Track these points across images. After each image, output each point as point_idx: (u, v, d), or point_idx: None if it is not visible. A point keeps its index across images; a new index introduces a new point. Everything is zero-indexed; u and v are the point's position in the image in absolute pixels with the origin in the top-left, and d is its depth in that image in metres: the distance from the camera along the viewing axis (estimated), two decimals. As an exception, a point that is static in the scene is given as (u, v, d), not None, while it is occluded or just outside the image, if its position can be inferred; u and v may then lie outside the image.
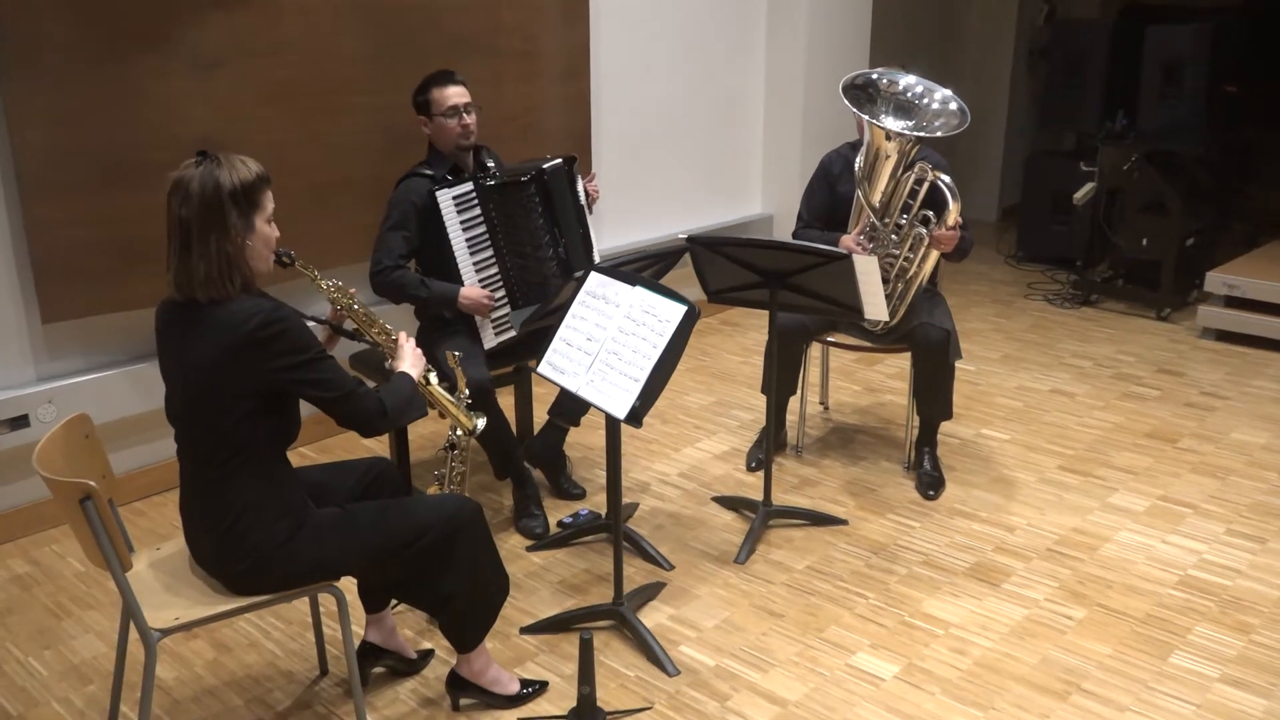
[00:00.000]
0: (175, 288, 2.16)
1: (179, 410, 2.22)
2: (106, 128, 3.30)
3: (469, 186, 3.32)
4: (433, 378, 2.60)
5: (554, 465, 3.64)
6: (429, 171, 3.40)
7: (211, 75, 3.50)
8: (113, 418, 3.50)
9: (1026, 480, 3.80)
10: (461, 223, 3.32)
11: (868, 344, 3.78)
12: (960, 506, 3.60)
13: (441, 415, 2.69)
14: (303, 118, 3.74)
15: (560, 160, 3.47)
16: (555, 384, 2.64)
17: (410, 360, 2.48)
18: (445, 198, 3.28)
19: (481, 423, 2.70)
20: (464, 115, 3.37)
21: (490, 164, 3.50)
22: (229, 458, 2.17)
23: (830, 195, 3.83)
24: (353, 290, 2.58)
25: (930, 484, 3.69)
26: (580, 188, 3.53)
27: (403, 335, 2.54)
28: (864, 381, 4.79)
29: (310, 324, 2.27)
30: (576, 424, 3.62)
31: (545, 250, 3.43)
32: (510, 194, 3.37)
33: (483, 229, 3.35)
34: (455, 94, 3.36)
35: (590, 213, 3.57)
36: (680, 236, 3.25)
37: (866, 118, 3.45)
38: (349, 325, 2.57)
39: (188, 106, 3.45)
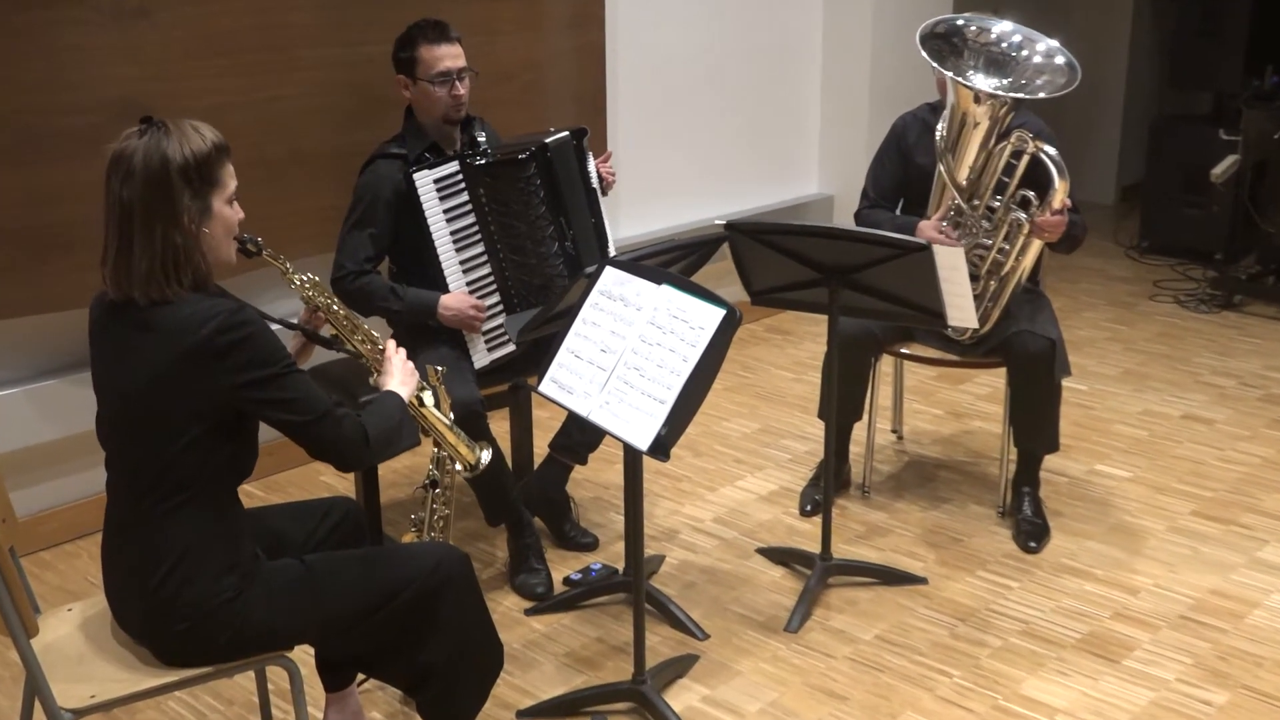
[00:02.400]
0: (111, 285, 2.19)
1: (112, 432, 2.24)
2: (5, 88, 3.34)
3: (454, 167, 3.34)
4: (427, 398, 2.61)
5: (556, 510, 3.65)
6: (401, 150, 3.42)
7: (136, 25, 3.53)
8: (13, 447, 3.53)
9: (1153, 529, 3.78)
10: (445, 212, 3.33)
11: (952, 357, 3.76)
12: (1069, 562, 3.58)
13: (436, 445, 2.70)
14: (247, 76, 3.77)
15: (567, 133, 3.48)
16: (560, 406, 2.64)
17: (400, 376, 2.48)
18: (424, 181, 3.30)
19: (487, 456, 2.70)
20: (456, 83, 3.38)
21: (482, 138, 3.52)
22: (170, 493, 2.18)
23: (904, 170, 3.82)
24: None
25: (1031, 533, 3.68)
26: (592, 167, 3.54)
27: (390, 345, 2.55)
28: (947, 404, 4.77)
29: (277, 329, 2.28)
30: (583, 461, 3.63)
31: (548, 245, 3.44)
32: (505, 175, 3.38)
33: (471, 219, 3.37)
34: (449, 55, 3.37)
35: (604, 197, 3.59)
36: (717, 223, 3.25)
37: (951, 74, 3.44)
38: (326, 332, 2.57)
39: (107, 62, 3.48)
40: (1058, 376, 3.58)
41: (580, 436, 3.57)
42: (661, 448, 2.44)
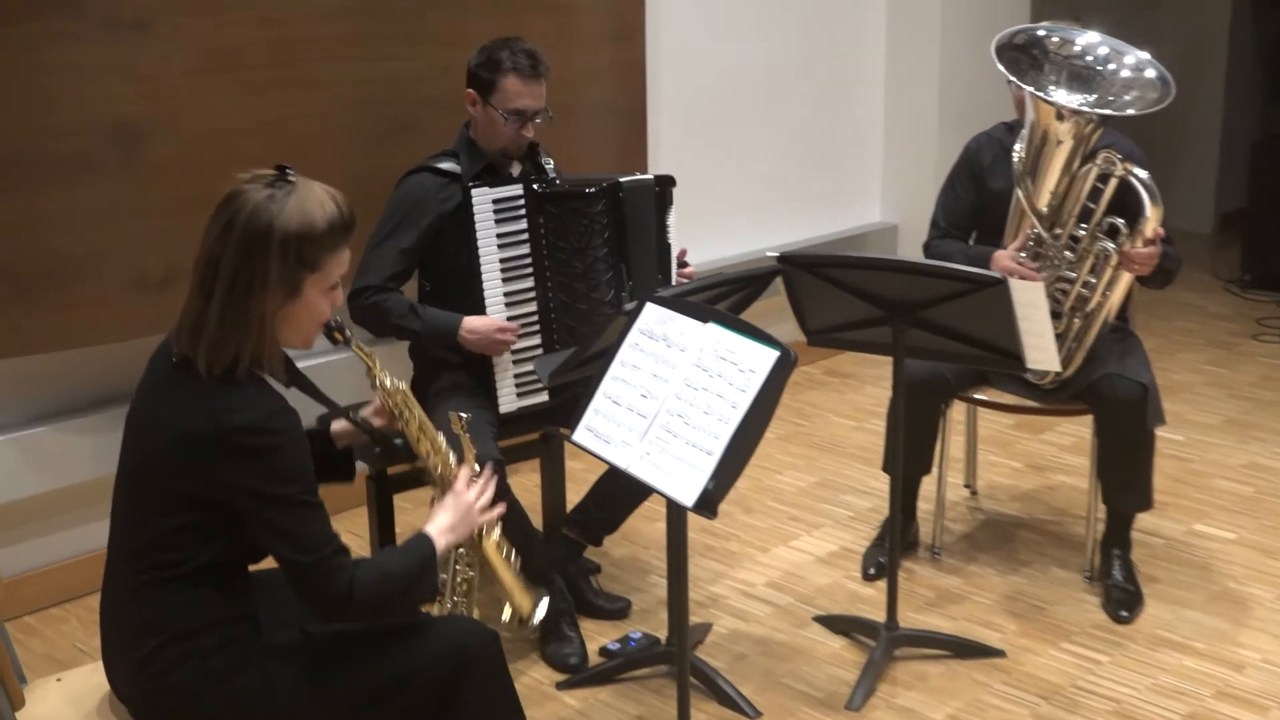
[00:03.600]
0: (178, 339, 2.18)
1: (122, 485, 2.25)
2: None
3: (517, 190, 3.38)
4: (494, 534, 2.60)
5: (573, 580, 3.63)
6: (452, 167, 3.46)
7: (132, 39, 3.58)
8: (-2, 501, 3.58)
9: (1260, 597, 3.73)
10: (498, 237, 3.36)
11: (1032, 403, 3.75)
12: (1166, 634, 3.54)
13: (492, 582, 2.69)
14: (255, 95, 3.82)
15: (651, 178, 3.52)
16: (597, 457, 2.64)
17: (453, 518, 2.43)
18: (483, 200, 3.34)
19: (543, 609, 2.69)
20: (529, 124, 3.43)
21: (549, 164, 3.56)
22: (162, 566, 2.19)
23: (978, 195, 3.83)
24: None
25: (1122, 601, 3.65)
26: (671, 220, 3.56)
27: (464, 475, 2.50)
28: (1027, 456, 4.74)
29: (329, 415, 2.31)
30: (597, 542, 3.63)
31: (602, 289, 3.45)
32: (569, 208, 3.41)
33: (525, 250, 3.40)
34: (531, 94, 3.40)
35: (676, 269, 3.58)
36: (769, 255, 3.25)
37: (1030, 89, 3.45)
38: (395, 440, 2.59)
39: (99, 80, 3.53)
40: (1150, 425, 3.55)
41: (599, 513, 3.57)
42: (708, 503, 2.43)
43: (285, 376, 2.30)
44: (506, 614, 2.68)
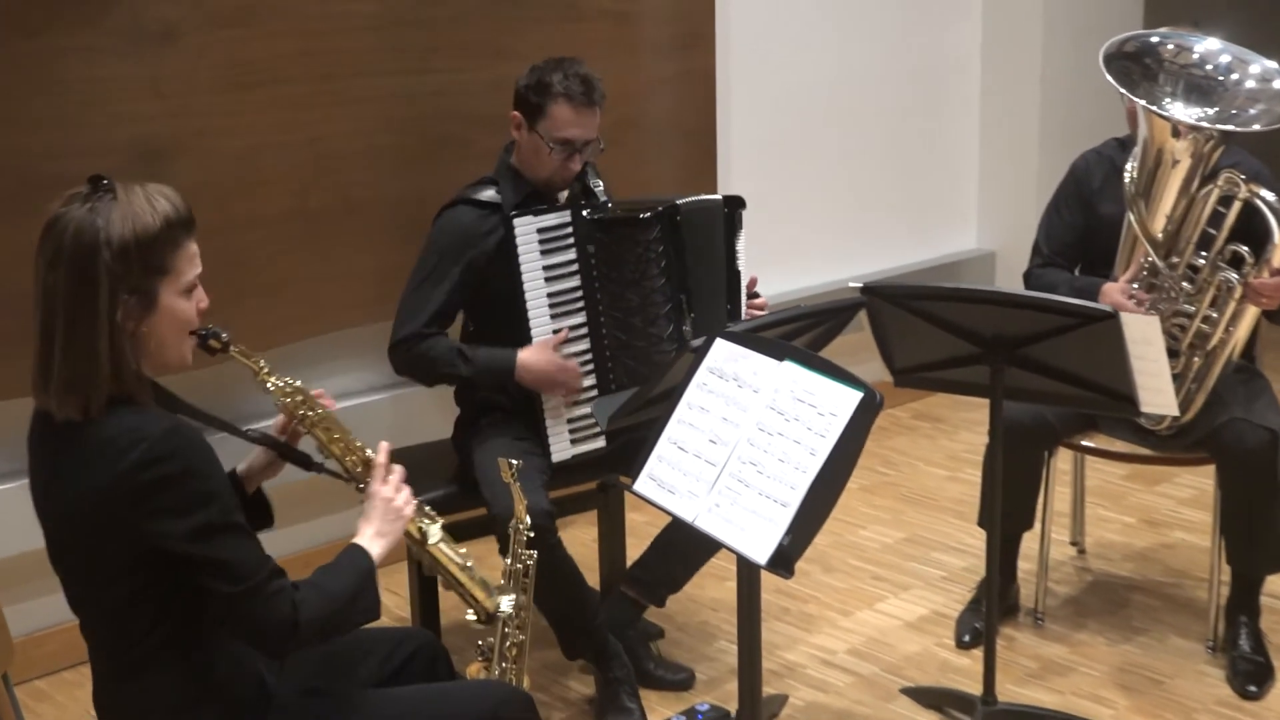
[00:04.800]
0: (34, 392, 2.16)
1: (55, 566, 2.24)
2: (3, 128, 3.45)
3: (564, 217, 3.40)
4: (435, 530, 2.57)
5: (629, 647, 3.61)
6: (492, 197, 3.48)
7: (158, 52, 3.65)
8: (8, 553, 3.61)
9: None
10: (545, 269, 3.38)
11: (1147, 451, 3.73)
12: (1300, 711, 3.49)
13: (508, 556, 2.70)
14: (288, 111, 3.89)
15: (718, 199, 3.53)
16: (660, 509, 2.64)
17: (379, 521, 2.40)
18: (527, 230, 3.36)
19: (507, 604, 2.70)
20: (577, 155, 3.45)
21: (598, 187, 3.58)
22: (134, 641, 2.18)
23: (1086, 219, 3.82)
24: (318, 392, 2.55)
25: (1250, 674, 3.60)
26: (741, 246, 3.57)
27: (379, 465, 2.47)
28: (1141, 510, 4.70)
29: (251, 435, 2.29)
30: (660, 602, 3.62)
31: (662, 324, 3.46)
32: (622, 234, 3.43)
33: (575, 283, 3.42)
34: (581, 124, 3.42)
35: (746, 299, 3.58)
36: (851, 285, 3.25)
37: (1143, 103, 3.44)
38: (319, 455, 2.54)
39: (123, 97, 3.61)
40: (1281, 476, 3.52)
41: (662, 570, 3.56)
42: (784, 561, 2.42)
43: (151, 401, 2.22)
44: (470, 615, 2.66)
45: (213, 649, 2.24)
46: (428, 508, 2.60)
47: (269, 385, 2.46)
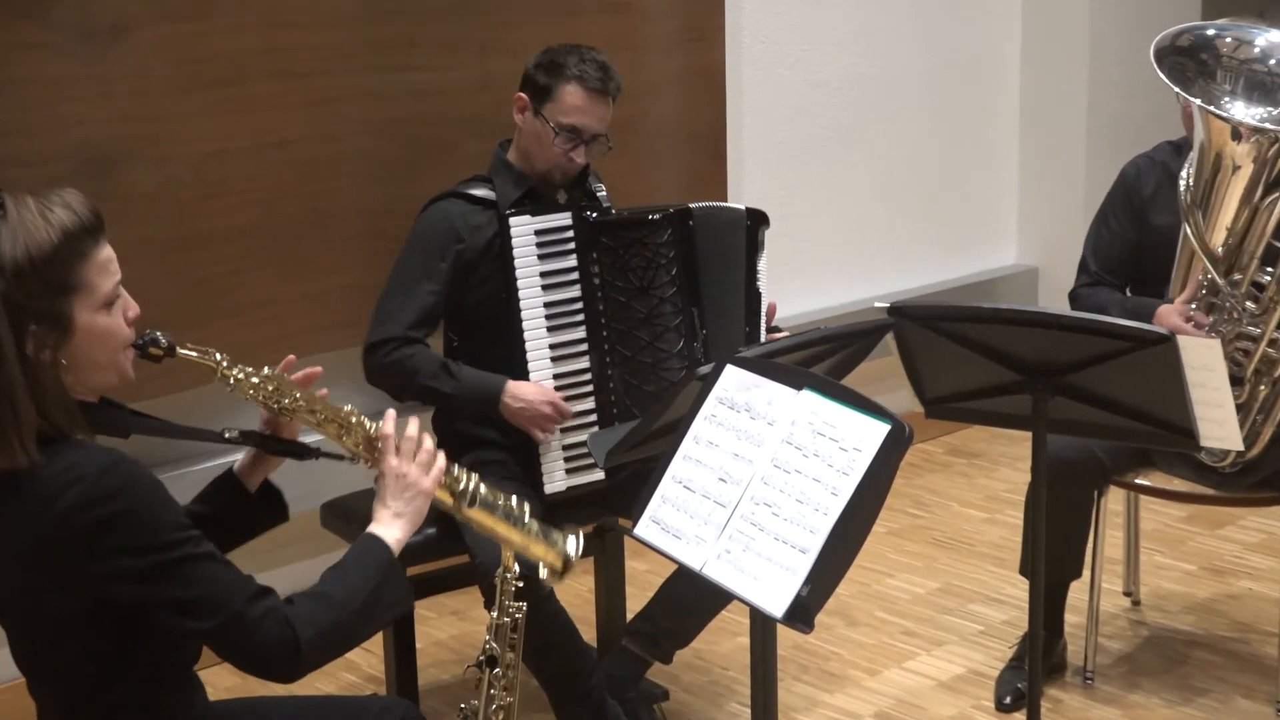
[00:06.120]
0: None
1: (10, 645, 2.24)
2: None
3: (565, 219, 3.42)
4: (471, 482, 2.50)
5: (631, 710, 3.60)
6: (484, 192, 3.49)
7: (109, 49, 3.65)
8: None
9: None
10: (542, 276, 3.39)
11: (1208, 491, 3.72)
12: (1380, 782, 3.48)
13: (490, 607, 2.67)
14: (252, 113, 3.89)
15: (741, 210, 3.55)
16: (664, 555, 2.64)
17: (393, 495, 2.37)
18: (524, 230, 3.37)
19: (574, 545, 2.62)
20: (582, 147, 3.46)
21: (600, 190, 3.61)
22: (93, 710, 2.18)
23: (1138, 232, 3.83)
24: (297, 377, 2.49)
25: (1324, 740, 3.59)
26: (763, 265, 3.59)
27: (385, 436, 2.42)
28: (1202, 556, 4.70)
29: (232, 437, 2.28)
30: (666, 658, 3.61)
31: (670, 340, 3.47)
32: (629, 239, 3.44)
33: (575, 293, 3.43)
34: (592, 112, 3.45)
35: (765, 322, 3.60)
36: (877, 305, 3.25)
37: (1199, 102, 3.44)
38: (316, 441, 2.51)
39: (71, 98, 3.61)
40: (1358, 519, 3.51)
41: (668, 623, 3.54)
42: (803, 614, 2.42)
43: (91, 429, 2.20)
44: (543, 572, 2.61)
45: (175, 710, 2.24)
46: (456, 467, 2.53)
47: (232, 380, 2.39)
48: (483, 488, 2.52)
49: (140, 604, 2.11)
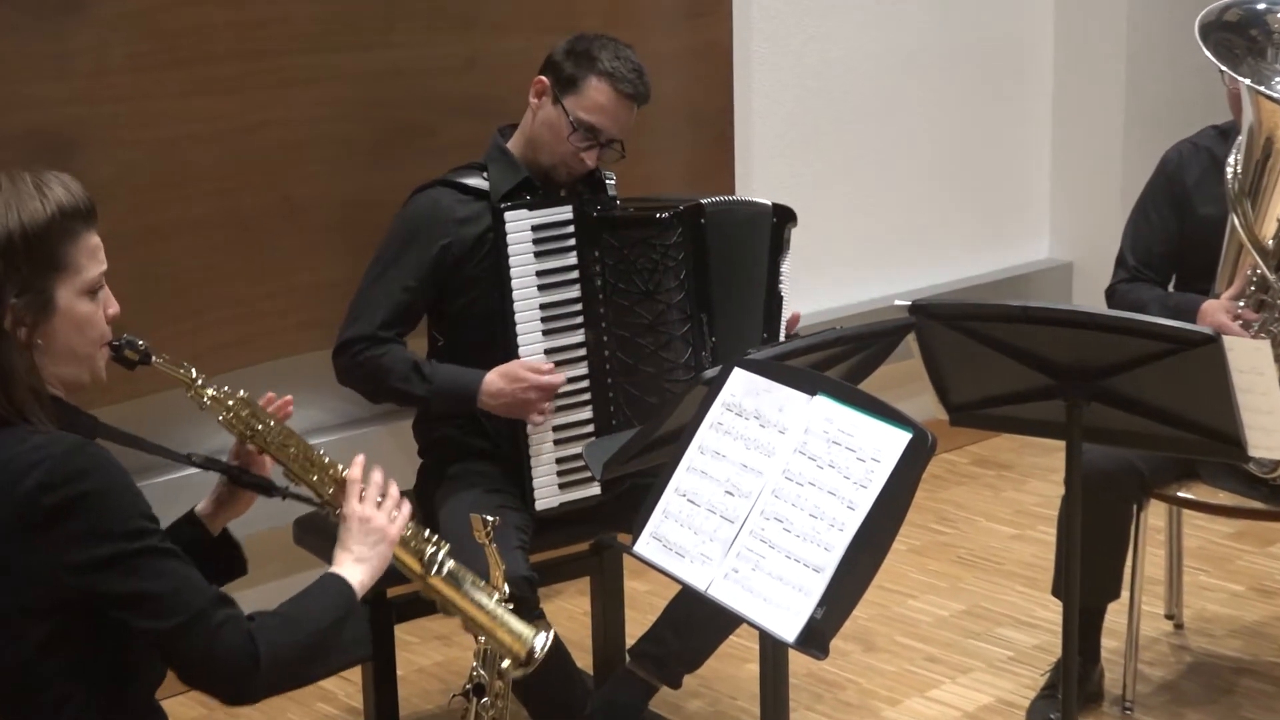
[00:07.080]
0: None
1: None
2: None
3: (565, 213, 3.42)
4: (440, 556, 2.56)
5: None
6: (477, 182, 3.48)
7: (65, 25, 3.65)
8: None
9: None
10: (539, 275, 3.39)
11: (1258, 505, 3.73)
12: None
13: (467, 627, 2.69)
14: (219, 95, 3.89)
15: (766, 206, 3.55)
16: (666, 575, 2.63)
17: (356, 540, 2.41)
18: (520, 225, 3.37)
19: (542, 641, 2.67)
20: (597, 149, 3.46)
21: (610, 180, 3.61)
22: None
23: (1181, 223, 3.84)
24: (268, 397, 2.54)
25: (1383, 775, 3.58)
26: (785, 268, 3.59)
27: (351, 480, 2.48)
28: (1250, 576, 4.71)
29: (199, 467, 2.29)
30: (675, 683, 3.60)
31: (676, 348, 3.47)
32: (635, 238, 3.44)
33: (574, 294, 3.43)
34: (615, 117, 3.46)
35: (785, 331, 3.59)
36: (898, 303, 3.25)
37: (1248, 82, 3.45)
38: (284, 480, 2.52)
39: (22, 78, 3.61)
40: None
41: (677, 644, 3.54)
42: (816, 638, 2.41)
43: (56, 420, 2.22)
44: (505, 662, 2.64)
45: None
46: (428, 530, 2.58)
47: (205, 399, 2.44)
48: (450, 561, 2.57)
49: (93, 596, 2.11)
